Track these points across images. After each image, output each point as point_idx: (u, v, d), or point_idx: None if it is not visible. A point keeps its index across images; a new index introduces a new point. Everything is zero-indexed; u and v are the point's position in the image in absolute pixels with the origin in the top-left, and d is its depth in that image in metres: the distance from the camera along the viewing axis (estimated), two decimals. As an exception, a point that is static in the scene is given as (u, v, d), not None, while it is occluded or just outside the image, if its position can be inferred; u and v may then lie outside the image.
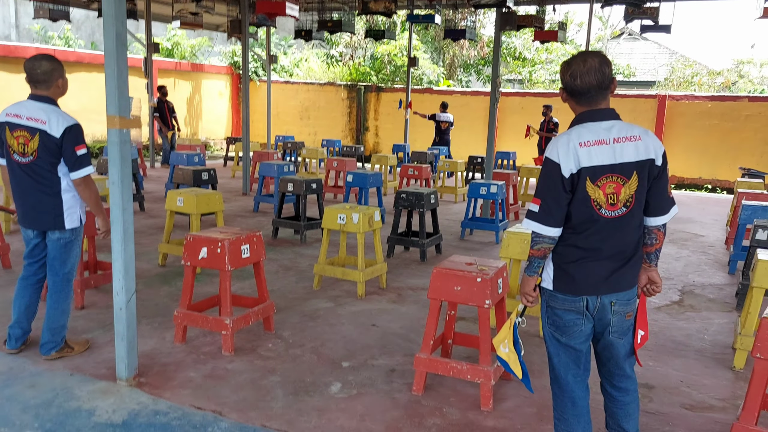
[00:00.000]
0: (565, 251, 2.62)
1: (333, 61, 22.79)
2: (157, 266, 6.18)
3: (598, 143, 2.49)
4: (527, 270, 2.70)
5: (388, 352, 4.28)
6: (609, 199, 2.50)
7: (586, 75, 2.51)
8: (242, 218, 8.87)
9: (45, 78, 3.67)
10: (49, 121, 3.61)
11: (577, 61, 2.55)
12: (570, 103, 2.64)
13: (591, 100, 2.56)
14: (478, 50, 23.45)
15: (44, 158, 3.62)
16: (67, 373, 3.69)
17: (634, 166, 2.50)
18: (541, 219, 2.56)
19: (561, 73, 2.61)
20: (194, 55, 20.41)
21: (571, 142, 2.51)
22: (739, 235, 6.79)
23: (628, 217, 2.55)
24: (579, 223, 2.56)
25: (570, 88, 2.57)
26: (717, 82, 22.04)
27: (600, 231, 2.55)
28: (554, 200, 2.53)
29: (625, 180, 2.50)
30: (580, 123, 2.58)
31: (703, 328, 5.07)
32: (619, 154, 2.49)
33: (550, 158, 2.54)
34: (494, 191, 7.93)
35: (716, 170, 15.15)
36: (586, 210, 2.52)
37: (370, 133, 19.39)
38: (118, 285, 3.47)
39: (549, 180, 2.54)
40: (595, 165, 2.48)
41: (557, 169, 2.50)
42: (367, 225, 5.55)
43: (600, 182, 2.49)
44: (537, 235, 2.59)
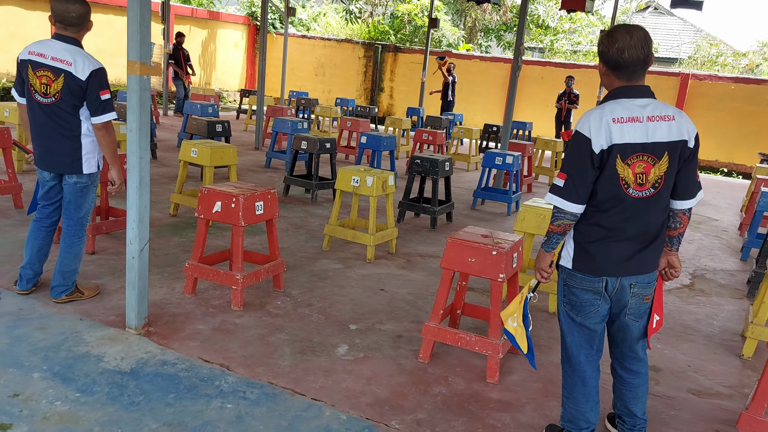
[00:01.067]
0: (587, 230, 2.57)
1: (352, 17, 22.36)
2: (169, 216, 6.16)
3: (632, 120, 2.42)
4: (545, 245, 2.66)
5: (395, 317, 4.28)
6: (638, 179, 2.45)
7: (633, 48, 2.43)
8: (254, 173, 8.82)
9: (78, 22, 3.60)
10: (75, 63, 3.54)
11: (622, 33, 2.45)
12: (608, 78, 2.55)
13: (633, 75, 2.48)
14: (500, 15, 22.94)
15: (67, 100, 3.56)
16: (76, 317, 3.70)
17: (666, 146, 2.44)
18: (565, 194, 2.49)
19: (603, 45, 2.50)
20: (211, 2, 20.04)
21: (605, 117, 2.43)
22: (755, 222, 6.71)
23: (656, 198, 2.49)
24: (604, 201, 2.50)
25: (615, 61, 2.47)
26: (741, 63, 21.56)
27: (625, 211, 2.49)
28: (581, 176, 2.47)
29: (655, 160, 2.44)
30: (614, 98, 2.50)
31: (713, 313, 5.04)
32: (652, 133, 2.43)
33: (581, 132, 2.46)
34: (510, 162, 7.83)
35: (734, 154, 14.94)
36: (613, 188, 2.46)
37: (384, 95, 19.16)
38: (131, 234, 3.45)
39: (578, 155, 2.47)
40: (627, 143, 2.41)
41: (588, 144, 2.43)
42: (381, 189, 5.49)
43: (630, 161, 2.43)
44: (559, 211, 2.53)
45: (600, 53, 2.54)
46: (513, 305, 2.90)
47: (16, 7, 13.80)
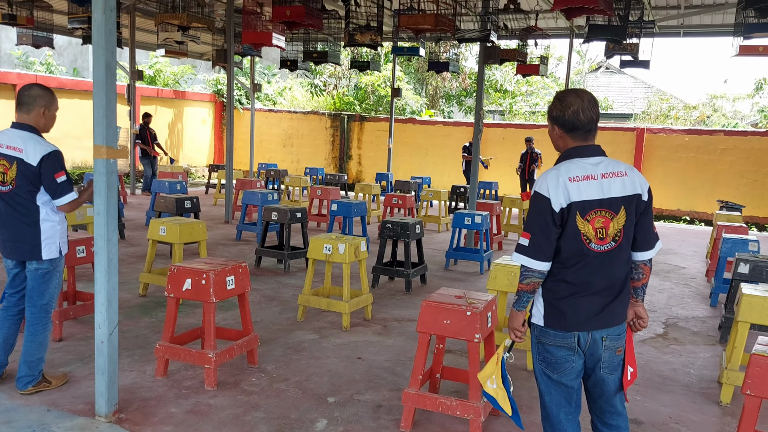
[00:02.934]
0: (555, 287, 2.61)
1: (317, 90, 22.93)
2: (138, 296, 6.06)
3: (587, 178, 2.52)
4: (516, 305, 2.68)
5: (374, 386, 4.21)
6: (598, 234, 2.51)
7: (588, 110, 2.55)
8: (224, 247, 8.78)
9: (28, 101, 3.63)
10: (26, 149, 3.56)
11: (574, 97, 2.58)
12: (563, 140, 2.64)
13: (588, 135, 2.59)
14: (459, 82, 23.78)
15: (22, 187, 3.56)
16: (44, 408, 3.56)
17: (621, 201, 2.53)
18: (531, 253, 2.55)
19: (557, 110, 2.60)
20: (177, 83, 20.40)
21: (561, 177, 2.52)
22: (720, 268, 6.87)
23: (617, 251, 2.56)
24: (569, 258, 2.55)
25: (572, 123, 2.57)
26: (693, 116, 22.56)
27: (589, 265, 2.55)
28: (544, 234, 2.53)
29: (613, 214, 2.52)
30: (568, 158, 2.59)
31: (689, 362, 5.08)
32: (607, 189, 2.53)
33: (540, 192, 2.54)
34: (479, 221, 7.96)
35: (694, 202, 15.41)
36: (576, 244, 2.53)
37: (353, 162, 19.45)
38: (100, 318, 3.38)
39: (539, 214, 2.54)
40: (585, 200, 2.50)
41: (548, 203, 2.51)
42: (353, 255, 5.51)
43: (589, 216, 2.51)
44: (526, 270, 2.57)
45: (554, 117, 2.63)
46: (489, 367, 2.89)
47: (-20, 95, 13.84)
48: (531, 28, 10.74)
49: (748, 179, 14.79)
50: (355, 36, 8.62)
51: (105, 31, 3.23)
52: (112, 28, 3.26)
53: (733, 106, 25.37)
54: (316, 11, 7.45)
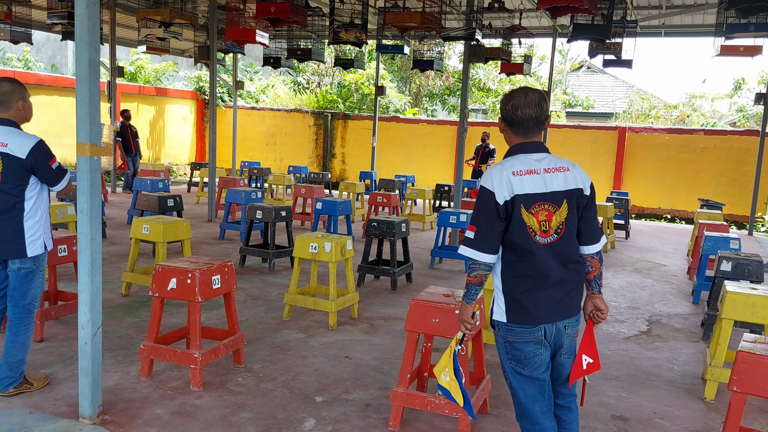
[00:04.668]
0: (513, 282, 2.65)
1: (300, 88, 22.83)
2: (120, 296, 5.98)
3: (530, 173, 2.61)
4: (465, 297, 2.72)
5: (362, 385, 4.19)
6: (542, 227, 2.60)
7: (526, 107, 2.64)
8: (208, 245, 8.69)
9: (3, 99, 3.56)
10: (11, 143, 3.49)
11: (519, 94, 2.68)
12: (506, 134, 2.74)
13: (528, 132, 2.68)
14: (443, 80, 23.82)
15: (8, 182, 3.49)
16: (25, 410, 3.49)
17: (563, 194, 2.63)
18: (476, 245, 2.60)
19: (502, 104, 2.71)
20: (158, 80, 20.17)
21: (505, 172, 2.60)
22: (702, 266, 6.95)
23: (560, 243, 2.63)
24: (521, 251, 2.61)
25: (510, 118, 2.67)
26: (673, 115, 22.83)
27: (541, 258, 2.61)
28: (489, 227, 2.58)
29: (555, 208, 2.61)
30: (513, 155, 2.69)
31: (672, 358, 5.13)
32: (550, 183, 2.62)
33: (485, 187, 2.62)
34: (464, 220, 7.96)
35: (675, 200, 15.59)
36: (524, 237, 2.59)
37: (336, 160, 19.40)
38: (83, 318, 3.32)
39: (484, 207, 2.60)
40: (528, 193, 2.59)
41: (492, 197, 2.58)
42: (340, 254, 5.48)
43: (533, 209, 2.59)
44: (474, 262, 2.62)
45: (500, 110, 2.74)
46: (443, 360, 2.90)
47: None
48: (515, 27, 10.78)
49: (727, 178, 15.01)
50: (340, 33, 8.58)
51: (88, 25, 3.16)
52: (95, 22, 3.20)
53: (711, 105, 25.74)
54: (300, 8, 7.39)
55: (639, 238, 11.99)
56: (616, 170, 15.98)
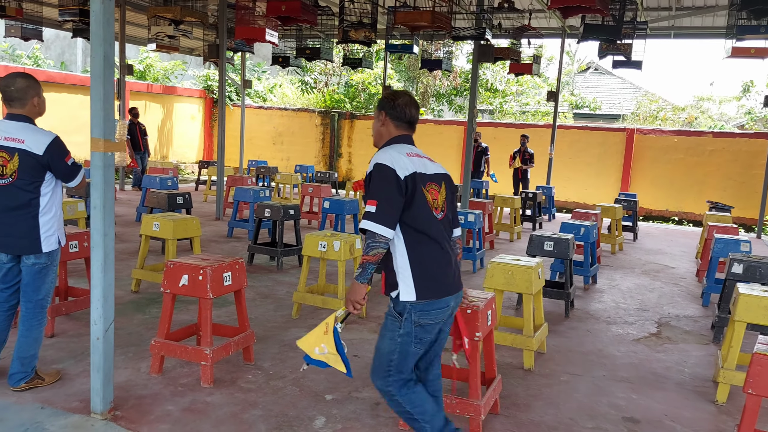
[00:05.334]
0: (419, 257, 2.75)
1: (307, 87, 22.85)
2: (130, 293, 5.99)
3: (417, 156, 2.89)
4: (360, 277, 2.76)
5: (370, 385, 4.17)
6: (434, 203, 2.82)
7: (413, 107, 2.95)
8: (216, 243, 8.71)
9: (19, 96, 3.57)
10: (27, 140, 3.50)
11: (404, 95, 2.97)
12: (387, 128, 2.94)
13: (409, 127, 2.97)
14: (450, 81, 23.79)
15: (25, 179, 3.50)
16: (37, 406, 3.50)
17: (441, 177, 2.93)
18: (380, 219, 2.65)
19: (388, 102, 2.94)
20: (167, 78, 20.23)
21: (400, 152, 2.81)
22: (712, 268, 6.91)
23: (446, 220, 2.87)
24: (423, 226, 2.76)
25: (399, 115, 2.92)
26: (681, 117, 22.73)
27: (439, 232, 2.80)
28: (390, 202, 2.68)
29: (439, 187, 2.88)
30: (397, 143, 2.90)
31: (682, 360, 5.11)
32: (431, 167, 2.91)
33: (384, 164, 2.73)
34: (472, 220, 7.95)
35: (682, 203, 15.52)
36: (426, 211, 2.78)
37: (343, 160, 19.41)
38: (96, 314, 3.33)
39: (386, 183, 2.69)
40: (422, 172, 2.82)
41: (393, 173, 2.71)
42: (348, 253, 5.48)
43: (427, 187, 2.81)
44: (373, 239, 2.66)
45: (385, 106, 2.94)
46: (314, 336, 2.94)
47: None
48: (524, 27, 10.75)
49: (735, 181, 14.93)
50: (350, 32, 8.58)
51: (103, 21, 3.17)
52: (110, 18, 3.20)
53: (719, 108, 25.62)
54: (310, 7, 7.40)
55: (647, 240, 11.95)
56: (624, 172, 15.92)
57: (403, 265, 2.75)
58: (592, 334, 5.65)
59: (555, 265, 7.13)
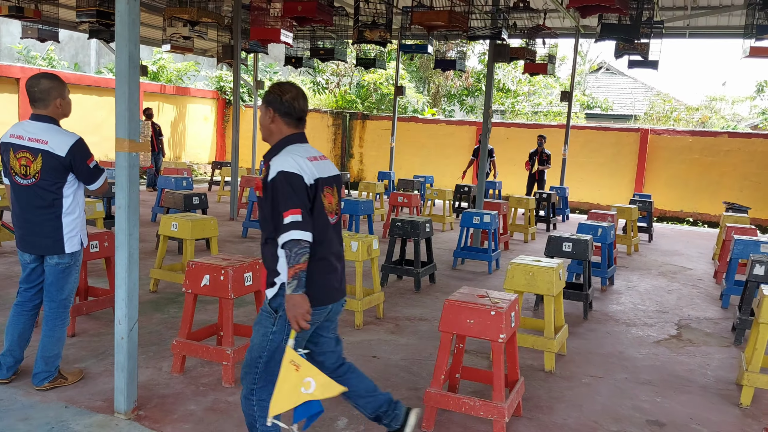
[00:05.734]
0: (314, 264, 2.70)
1: (319, 88, 22.87)
2: (148, 292, 6.01)
3: (316, 159, 2.79)
4: (297, 288, 2.58)
5: (392, 385, 4.17)
6: (329, 208, 2.77)
7: (302, 100, 2.81)
8: (231, 243, 8.72)
9: (42, 96, 3.58)
10: (51, 141, 3.51)
11: (291, 87, 2.82)
12: (277, 125, 2.80)
13: (300, 123, 2.84)
14: (462, 81, 23.74)
15: (48, 179, 3.51)
16: (61, 405, 3.51)
17: (334, 179, 2.87)
18: (306, 227, 2.60)
19: (275, 96, 2.77)
20: (180, 79, 20.31)
21: (302, 157, 2.71)
22: (732, 270, 6.84)
23: (338, 224, 2.85)
24: (320, 232, 2.71)
25: (288, 110, 2.78)
26: (694, 118, 22.55)
27: (332, 238, 2.79)
28: (306, 209, 2.63)
29: (333, 190, 2.82)
30: (292, 143, 2.79)
31: (705, 363, 5.05)
32: (327, 169, 2.83)
33: (292, 171, 2.63)
34: (488, 221, 7.92)
35: (697, 204, 15.39)
36: (324, 218, 2.74)
37: (354, 160, 19.41)
38: (120, 313, 3.34)
39: (298, 190, 2.63)
40: (322, 176, 2.76)
41: (302, 180, 2.65)
42: (366, 253, 5.47)
43: (325, 192, 2.75)
44: (300, 247, 2.58)
45: (271, 101, 2.79)
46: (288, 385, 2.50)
47: (-18, 89, 13.76)
48: (539, 27, 10.70)
49: (751, 181, 14.79)
50: (365, 33, 8.57)
51: (128, 21, 3.18)
52: (136, 18, 3.21)
53: (732, 108, 25.40)
54: (326, 7, 7.39)
55: (662, 241, 11.85)
56: (638, 173, 15.81)
57: None
58: (611, 336, 5.61)
59: (572, 266, 7.08)
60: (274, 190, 2.64)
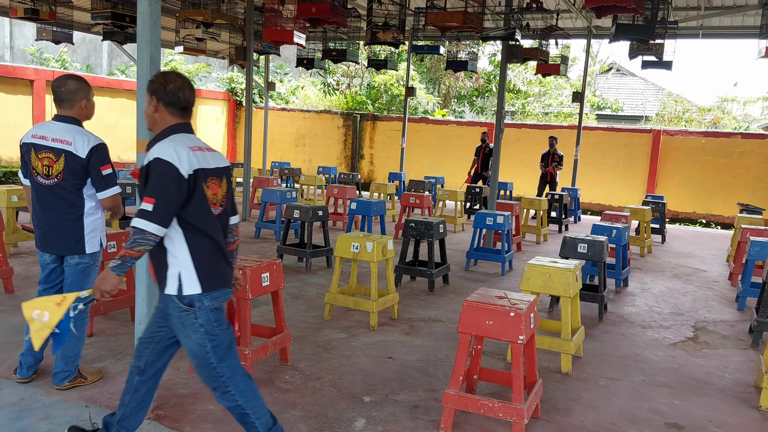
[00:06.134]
0: (202, 251, 2.73)
1: (330, 89, 22.91)
2: (163, 293, 6.03)
3: (200, 149, 2.78)
4: (117, 269, 2.62)
5: (408, 386, 4.17)
6: (213, 199, 2.78)
7: (187, 90, 2.80)
8: (244, 244, 8.75)
9: (68, 97, 3.60)
10: (74, 142, 3.53)
11: (176, 77, 2.79)
12: (161, 115, 2.78)
13: (185, 113, 2.82)
14: (473, 82, 23.71)
15: (69, 180, 3.53)
16: (81, 404, 3.54)
17: (223, 171, 2.88)
18: (156, 219, 2.58)
19: (159, 85, 2.76)
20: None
21: (183, 147, 2.69)
22: (748, 272, 6.78)
23: (224, 215, 2.89)
24: (203, 223, 2.73)
25: (172, 100, 2.76)
26: (706, 118, 22.42)
27: (216, 228, 2.80)
28: (168, 200, 2.60)
29: (220, 182, 2.84)
30: (176, 133, 2.77)
31: (722, 365, 5.02)
32: (212, 160, 2.82)
33: (165, 160, 2.61)
34: (501, 222, 7.90)
35: (710, 205, 15.29)
36: (206, 208, 2.74)
37: (364, 161, 19.42)
38: (140, 313, 3.35)
39: (167, 181, 2.60)
40: (204, 167, 2.75)
41: (175, 171, 2.62)
42: (381, 254, 5.47)
43: (208, 183, 2.76)
44: (145, 236, 2.57)
45: (154, 90, 2.77)
46: (43, 301, 2.74)
47: (-3, 90, 13.88)
48: (552, 28, 10.67)
49: (765, 183, 14.67)
50: (378, 34, 8.58)
51: (150, 23, 3.20)
52: (157, 20, 3.23)
53: (743, 109, 25.23)
54: (340, 8, 7.41)
55: (675, 243, 11.78)
56: (650, 174, 15.73)
57: (184, 259, 2.70)
58: (627, 338, 5.58)
59: (585, 268, 7.05)
60: (146, 176, 2.65)
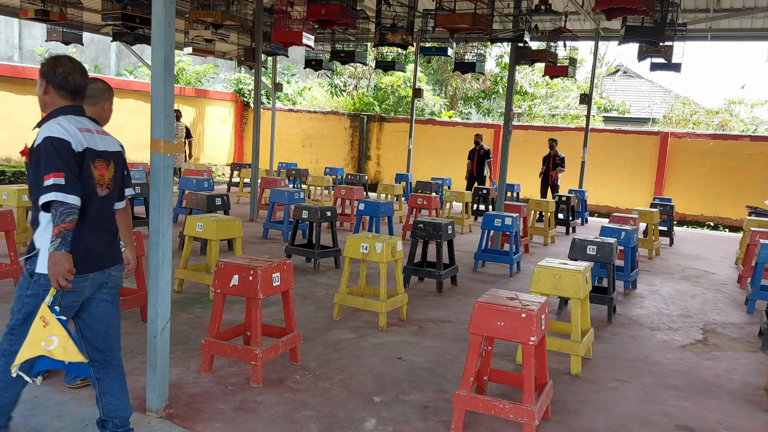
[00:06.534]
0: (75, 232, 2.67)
1: (337, 90, 22.94)
2: (174, 292, 6.06)
3: (88, 131, 2.83)
4: (61, 246, 2.56)
5: (418, 387, 4.18)
6: (99, 180, 2.84)
7: (77, 73, 2.84)
8: (252, 245, 8.78)
9: (96, 94, 3.47)
10: None
11: (66, 61, 2.85)
12: (51, 98, 2.82)
13: (75, 96, 2.86)
14: (480, 83, 23.69)
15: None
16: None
17: (111, 155, 2.93)
18: (69, 189, 2.61)
19: (49, 69, 2.79)
20: (199, 81, 20.49)
21: (71, 126, 2.74)
22: (757, 274, 6.76)
23: (110, 197, 2.92)
24: (85, 201, 2.73)
25: (60, 82, 2.80)
26: (714, 121, 22.33)
27: (99, 210, 2.85)
28: (73, 173, 2.65)
29: (108, 164, 2.89)
30: (65, 114, 2.79)
31: (731, 368, 5.00)
32: (102, 143, 2.88)
33: (58, 137, 2.66)
34: (509, 223, 7.90)
35: (718, 208, 15.23)
36: (89, 187, 2.77)
37: (371, 162, 19.44)
38: (153, 312, 3.37)
39: (64, 154, 2.65)
40: (92, 148, 2.80)
41: (69, 146, 2.67)
42: (390, 255, 5.48)
43: (95, 164, 2.81)
44: (67, 206, 2.59)
45: (44, 73, 2.81)
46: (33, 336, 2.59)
47: (5, 92, 13.96)
48: (560, 29, 10.67)
49: (774, 185, 14.61)
50: (386, 35, 8.60)
51: (164, 24, 3.22)
52: (171, 21, 3.25)
53: (751, 111, 25.10)
54: (350, 10, 7.43)
55: (683, 245, 11.75)
56: (658, 176, 15.69)
57: (44, 241, 2.69)
58: (636, 340, 5.57)
59: (593, 270, 7.04)
60: (38, 155, 2.66)
